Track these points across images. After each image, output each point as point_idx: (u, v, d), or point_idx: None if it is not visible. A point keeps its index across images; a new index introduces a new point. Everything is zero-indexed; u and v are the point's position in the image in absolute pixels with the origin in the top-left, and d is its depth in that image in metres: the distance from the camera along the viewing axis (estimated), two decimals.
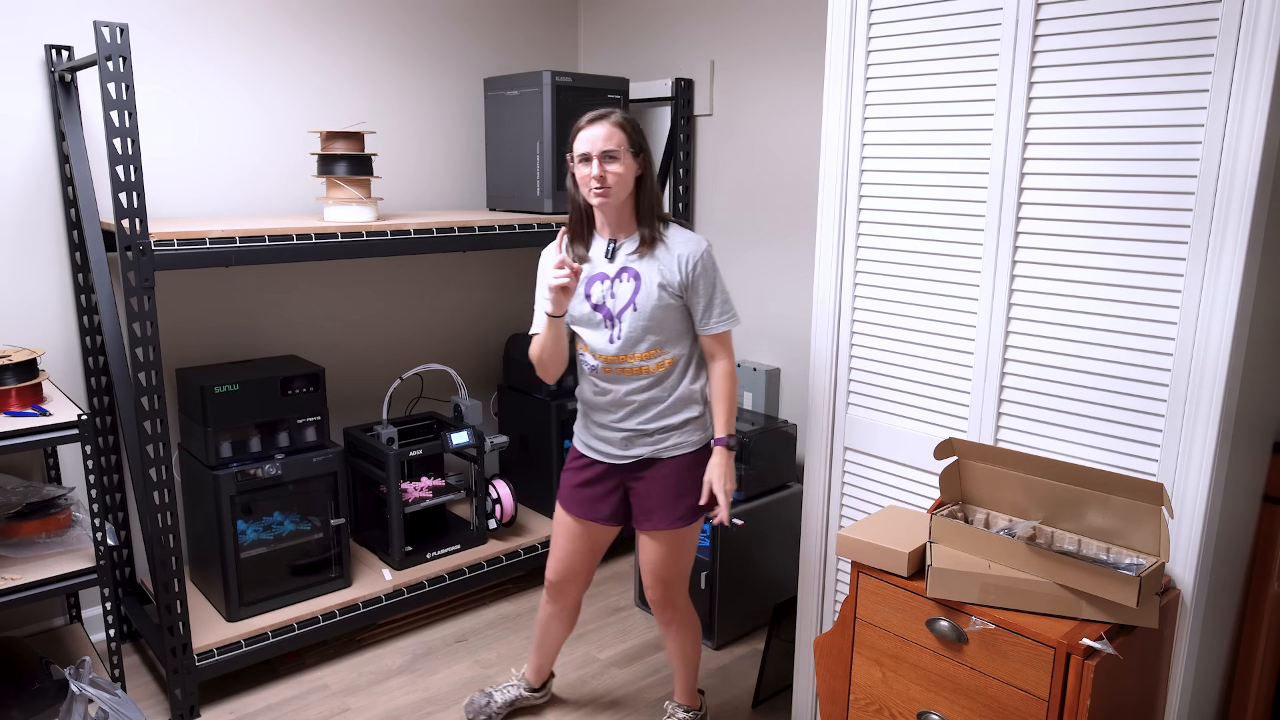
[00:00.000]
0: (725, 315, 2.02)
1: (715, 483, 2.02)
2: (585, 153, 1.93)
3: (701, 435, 2.08)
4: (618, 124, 1.93)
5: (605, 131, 1.91)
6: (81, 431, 2.17)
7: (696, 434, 2.07)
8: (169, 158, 2.76)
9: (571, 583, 2.27)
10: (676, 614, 2.21)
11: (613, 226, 2.01)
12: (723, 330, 2.02)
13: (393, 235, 2.61)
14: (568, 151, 1.97)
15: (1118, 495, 1.55)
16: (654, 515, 2.08)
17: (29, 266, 2.56)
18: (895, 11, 1.90)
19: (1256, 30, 1.43)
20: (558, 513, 2.22)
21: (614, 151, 1.92)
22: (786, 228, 3.04)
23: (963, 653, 1.62)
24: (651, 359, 2.01)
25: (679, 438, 2.06)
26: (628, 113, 2.01)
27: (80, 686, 2.00)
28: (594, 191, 1.93)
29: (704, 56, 3.21)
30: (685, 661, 2.29)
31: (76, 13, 2.53)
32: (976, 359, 1.86)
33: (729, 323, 2.02)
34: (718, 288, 2.00)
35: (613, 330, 2.01)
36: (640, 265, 1.98)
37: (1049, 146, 1.70)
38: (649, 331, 1.98)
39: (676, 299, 1.98)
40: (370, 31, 3.10)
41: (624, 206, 1.99)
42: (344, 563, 2.75)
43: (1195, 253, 1.54)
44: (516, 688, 2.44)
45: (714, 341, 2.03)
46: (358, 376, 3.26)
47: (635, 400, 2.04)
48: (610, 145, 1.91)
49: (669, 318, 1.99)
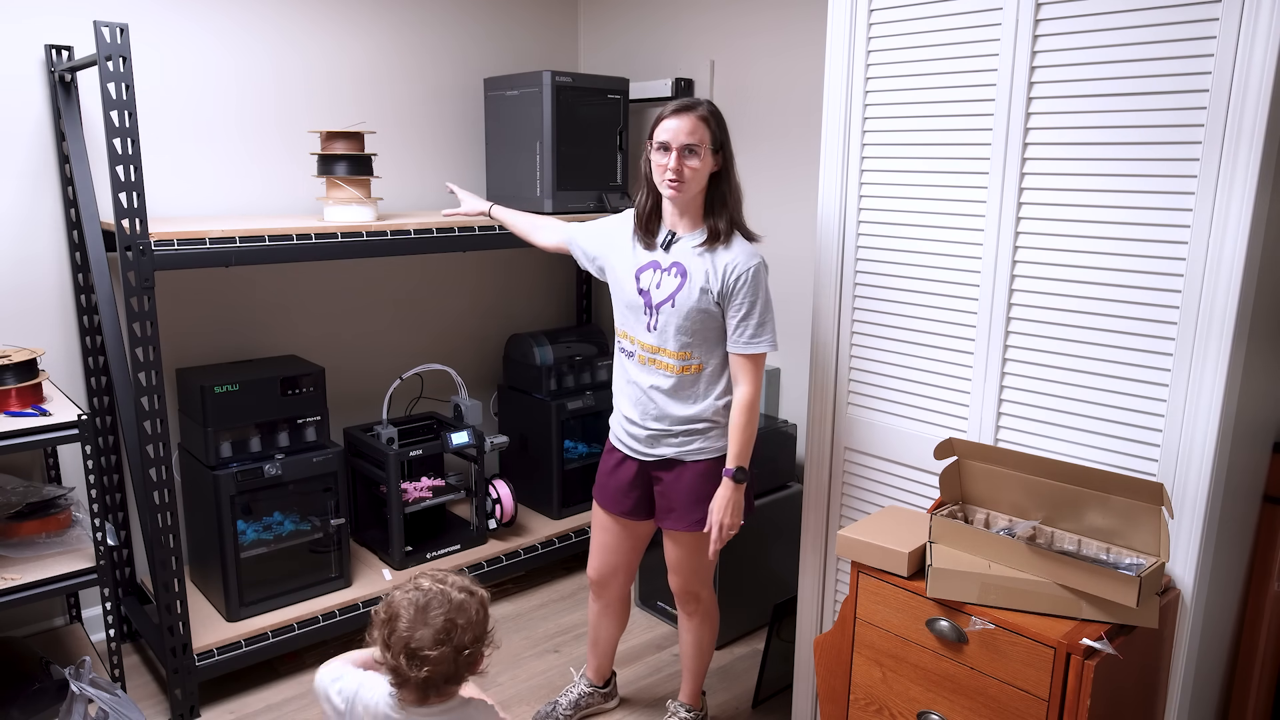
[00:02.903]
0: (758, 337, 1.93)
1: (714, 514, 1.98)
2: (664, 142, 1.87)
3: (725, 443, 2.02)
4: (702, 117, 1.87)
5: (689, 125, 1.85)
6: (81, 431, 2.17)
7: (721, 440, 2.02)
8: (169, 158, 2.76)
9: (612, 578, 2.26)
10: (700, 606, 2.21)
11: (677, 218, 1.98)
12: (751, 352, 1.94)
13: (393, 235, 2.61)
14: (648, 136, 1.93)
15: (1118, 495, 1.55)
16: (673, 514, 2.07)
17: (29, 266, 2.56)
18: (895, 11, 1.90)
19: (1256, 30, 1.43)
20: (594, 507, 2.24)
21: (695, 146, 1.86)
22: (786, 227, 3.04)
23: (963, 653, 1.62)
24: (681, 359, 1.98)
25: (703, 442, 2.02)
26: (714, 105, 1.93)
27: (80, 686, 2.00)
28: (668, 183, 1.89)
29: (704, 56, 3.21)
30: (700, 656, 2.29)
31: (76, 13, 2.53)
32: (976, 359, 1.86)
33: (760, 345, 1.94)
34: (758, 306, 1.92)
35: (650, 319, 1.99)
36: (692, 263, 1.94)
37: (1049, 146, 1.70)
38: (682, 332, 1.95)
39: (715, 306, 1.93)
40: (370, 31, 3.10)
41: (694, 201, 1.94)
42: (344, 563, 2.75)
43: (1195, 253, 1.54)
44: (578, 686, 2.44)
45: (741, 363, 1.95)
46: (358, 376, 3.26)
47: (658, 397, 2.01)
48: (692, 139, 1.86)
49: (705, 323, 1.94)
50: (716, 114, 1.91)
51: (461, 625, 1.43)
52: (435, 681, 1.43)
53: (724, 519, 1.97)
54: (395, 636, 1.41)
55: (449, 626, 1.41)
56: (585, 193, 3.10)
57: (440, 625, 1.41)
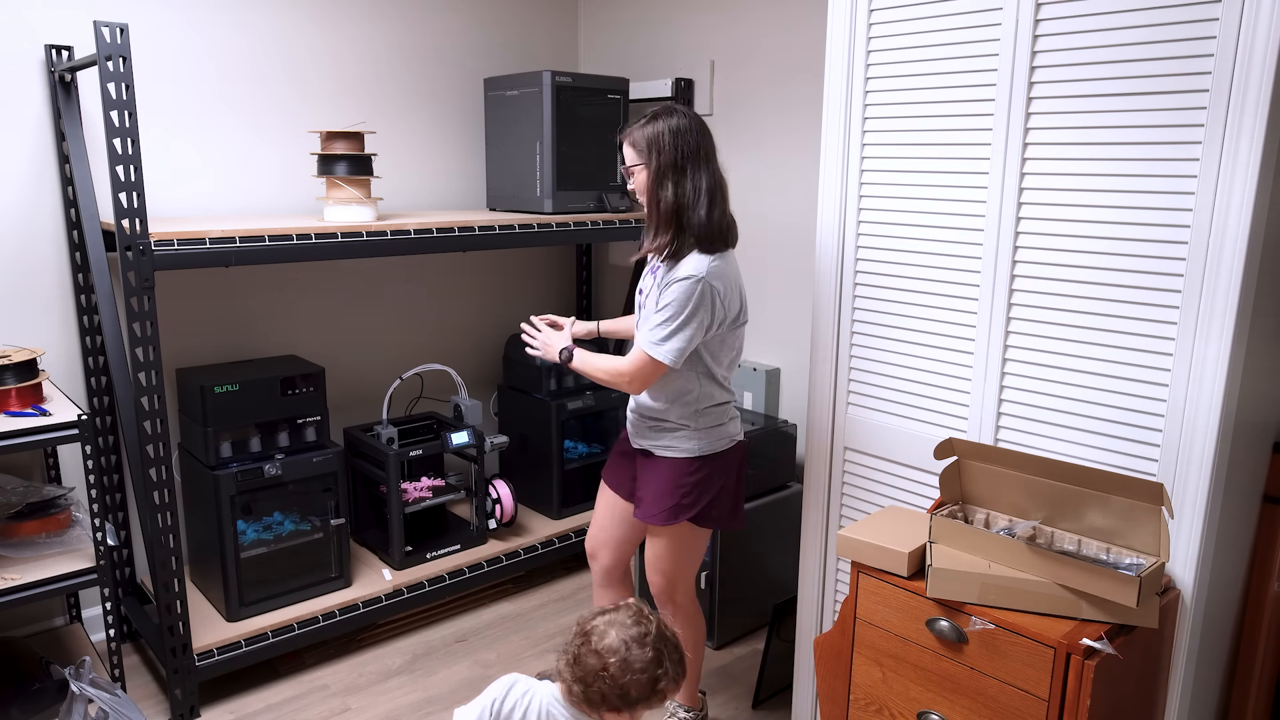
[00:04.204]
0: (658, 343, 1.89)
1: (549, 338, 2.12)
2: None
3: (694, 445, 2.03)
4: (629, 140, 1.96)
5: (624, 148, 1.99)
6: (81, 431, 2.17)
7: (689, 443, 2.03)
8: (169, 157, 2.76)
9: (601, 549, 2.28)
10: (677, 611, 2.21)
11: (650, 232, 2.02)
12: (646, 348, 1.91)
13: (393, 235, 2.61)
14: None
15: (1118, 495, 1.55)
16: (643, 504, 2.10)
17: (29, 266, 2.56)
18: (895, 11, 1.90)
19: (1256, 30, 1.43)
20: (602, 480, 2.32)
21: (630, 168, 1.98)
22: (786, 227, 3.04)
23: (963, 653, 1.62)
24: None
25: (671, 440, 2.05)
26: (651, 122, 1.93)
27: (80, 686, 2.00)
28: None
29: (704, 56, 3.21)
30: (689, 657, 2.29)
31: (76, 13, 2.53)
32: (976, 359, 1.86)
33: (656, 349, 1.89)
34: (673, 314, 1.88)
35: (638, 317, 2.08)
36: (658, 273, 1.98)
37: (1049, 147, 1.70)
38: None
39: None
40: (371, 32, 3.10)
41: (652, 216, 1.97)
42: (344, 563, 2.75)
43: (1195, 253, 1.54)
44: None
45: (636, 352, 1.94)
46: (358, 376, 3.26)
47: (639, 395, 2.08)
48: (628, 162, 1.98)
49: None
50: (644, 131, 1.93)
51: (669, 651, 1.54)
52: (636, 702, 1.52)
53: (546, 339, 2.13)
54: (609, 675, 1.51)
55: (658, 656, 1.53)
56: (585, 193, 3.10)
57: (650, 656, 1.52)
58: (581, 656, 1.53)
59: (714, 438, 2.05)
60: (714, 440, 2.05)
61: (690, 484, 2.03)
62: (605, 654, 1.51)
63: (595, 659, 1.51)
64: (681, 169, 1.91)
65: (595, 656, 1.51)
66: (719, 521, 2.09)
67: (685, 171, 1.91)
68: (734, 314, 1.97)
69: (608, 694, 1.50)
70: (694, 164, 1.91)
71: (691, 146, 1.91)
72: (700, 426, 2.03)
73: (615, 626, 1.54)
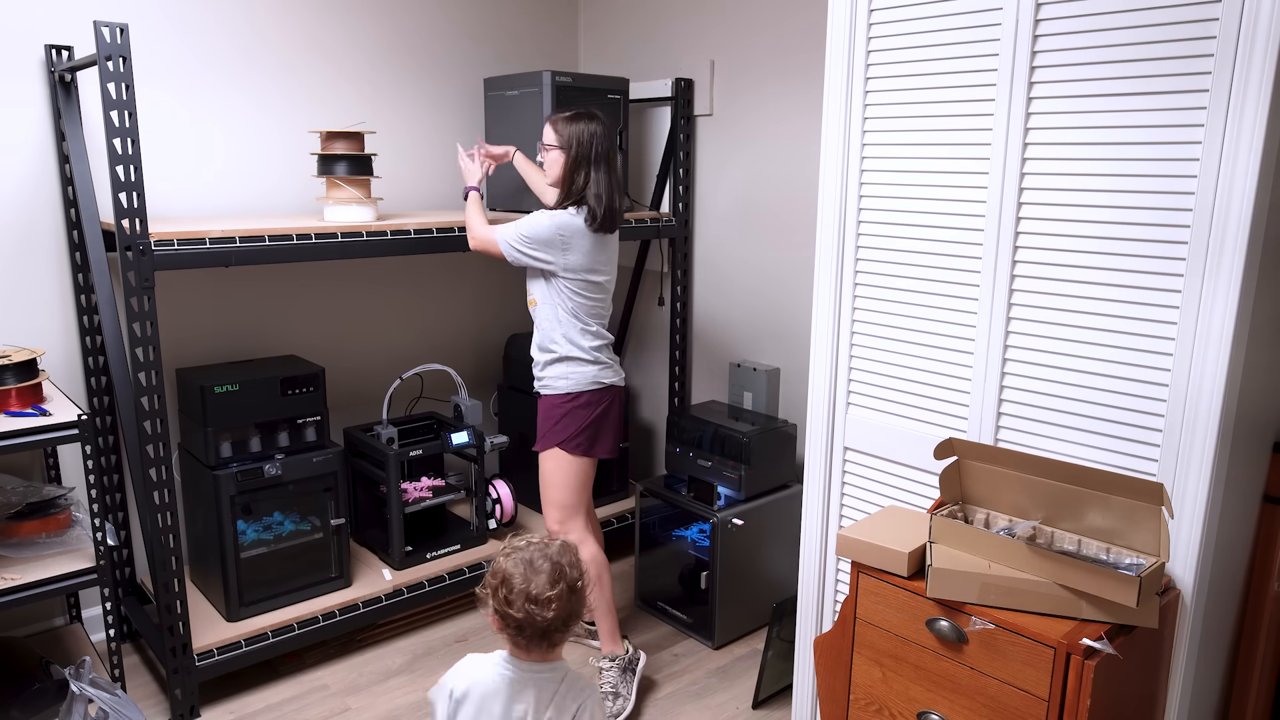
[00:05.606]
0: (504, 232, 2.40)
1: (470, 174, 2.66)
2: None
3: (566, 384, 2.40)
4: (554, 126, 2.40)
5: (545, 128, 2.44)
6: (81, 431, 2.17)
7: (561, 382, 2.41)
8: (169, 158, 2.76)
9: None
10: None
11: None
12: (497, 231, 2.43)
13: (393, 235, 2.61)
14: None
15: (1118, 495, 1.55)
16: (535, 436, 2.49)
17: (29, 266, 2.56)
18: (895, 11, 1.90)
19: (1256, 30, 1.43)
20: None
21: (546, 145, 2.42)
22: (786, 227, 3.04)
23: (963, 653, 1.62)
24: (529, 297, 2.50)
25: (547, 379, 2.44)
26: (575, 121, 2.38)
27: (80, 686, 2.00)
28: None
29: (704, 56, 3.21)
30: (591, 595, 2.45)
31: (76, 13, 2.53)
32: (976, 359, 1.86)
33: (503, 230, 2.41)
34: (523, 222, 2.38)
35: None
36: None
37: (1049, 147, 1.70)
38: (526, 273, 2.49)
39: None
40: (370, 31, 3.10)
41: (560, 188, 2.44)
42: (344, 563, 2.75)
43: (1195, 252, 1.54)
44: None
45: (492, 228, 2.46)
46: (358, 376, 3.26)
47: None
48: (544, 140, 2.43)
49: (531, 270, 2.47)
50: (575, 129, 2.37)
51: (566, 565, 1.62)
52: (558, 623, 1.59)
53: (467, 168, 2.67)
54: (515, 592, 1.57)
55: (557, 569, 1.60)
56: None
57: (549, 570, 1.59)
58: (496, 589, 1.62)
59: (581, 373, 2.41)
60: (580, 376, 2.41)
61: (558, 416, 2.42)
62: (498, 574, 1.61)
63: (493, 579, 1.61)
64: (591, 162, 2.37)
65: (494, 577, 1.61)
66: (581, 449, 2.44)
67: (591, 164, 2.37)
68: (575, 264, 2.37)
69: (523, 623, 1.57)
70: (597, 163, 2.37)
71: (601, 149, 2.37)
72: (570, 364, 2.41)
73: (513, 552, 1.64)
